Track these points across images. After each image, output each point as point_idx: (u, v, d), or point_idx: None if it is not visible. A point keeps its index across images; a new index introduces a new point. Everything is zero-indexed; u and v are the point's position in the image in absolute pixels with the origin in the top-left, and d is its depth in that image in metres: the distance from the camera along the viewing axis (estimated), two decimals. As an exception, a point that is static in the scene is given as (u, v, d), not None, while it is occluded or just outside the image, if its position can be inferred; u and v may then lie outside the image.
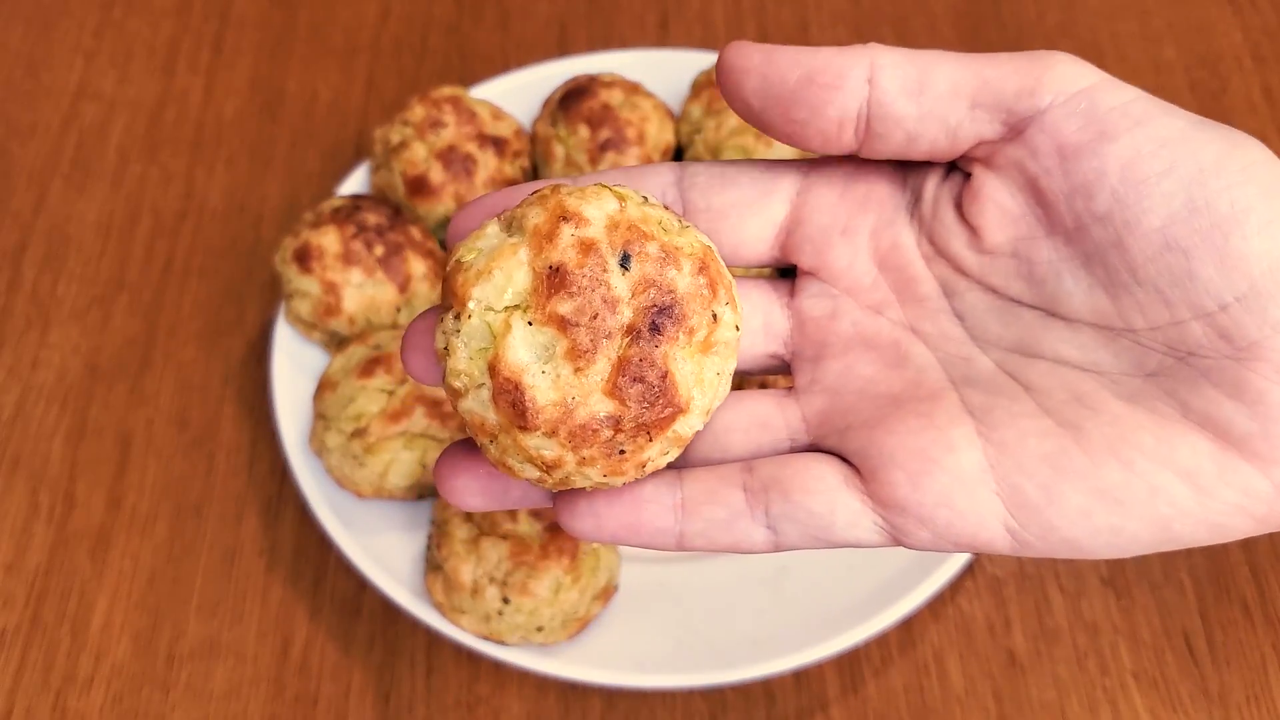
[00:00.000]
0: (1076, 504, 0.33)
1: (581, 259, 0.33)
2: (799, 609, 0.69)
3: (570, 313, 0.33)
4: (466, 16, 1.06)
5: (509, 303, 0.33)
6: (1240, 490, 0.32)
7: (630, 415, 0.33)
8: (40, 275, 0.90)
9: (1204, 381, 0.32)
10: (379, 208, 0.81)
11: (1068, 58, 0.32)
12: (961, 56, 0.33)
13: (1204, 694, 0.69)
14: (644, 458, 0.34)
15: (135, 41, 1.05)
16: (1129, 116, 0.31)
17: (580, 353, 0.33)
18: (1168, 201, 0.31)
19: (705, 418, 0.35)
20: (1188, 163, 0.31)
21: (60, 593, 0.75)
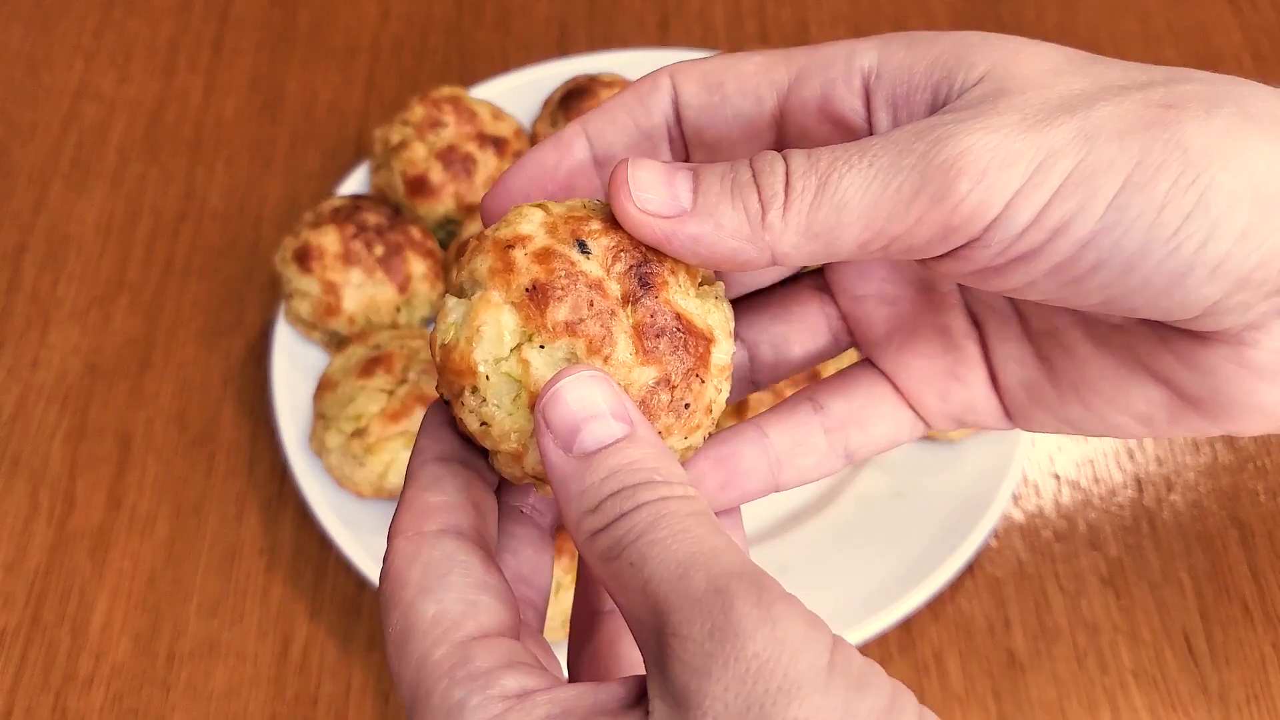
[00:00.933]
0: (1047, 424, 0.39)
1: (547, 266, 0.34)
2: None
3: (569, 314, 0.33)
4: (466, 16, 1.06)
5: (512, 344, 0.34)
6: (1192, 430, 0.35)
7: (673, 368, 0.34)
8: (40, 275, 0.90)
9: (1162, 347, 0.34)
10: (379, 207, 0.81)
11: (970, 169, 0.29)
12: (861, 200, 0.31)
13: (1204, 693, 0.69)
14: (706, 402, 0.35)
15: (135, 41, 1.05)
16: (1045, 229, 0.30)
17: (599, 343, 0.33)
18: (1101, 290, 0.31)
19: (731, 340, 0.36)
20: (1115, 256, 0.29)
21: (60, 592, 0.75)
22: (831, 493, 0.76)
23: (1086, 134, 0.29)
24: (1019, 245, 0.30)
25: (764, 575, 0.28)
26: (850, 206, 0.31)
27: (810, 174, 0.31)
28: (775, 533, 0.74)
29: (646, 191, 0.33)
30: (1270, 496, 0.77)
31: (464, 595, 0.33)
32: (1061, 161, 0.29)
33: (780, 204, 0.31)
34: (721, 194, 0.32)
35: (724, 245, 0.32)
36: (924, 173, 0.30)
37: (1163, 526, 0.75)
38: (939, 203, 0.30)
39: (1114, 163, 0.29)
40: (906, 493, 0.75)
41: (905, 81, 0.35)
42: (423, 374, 0.73)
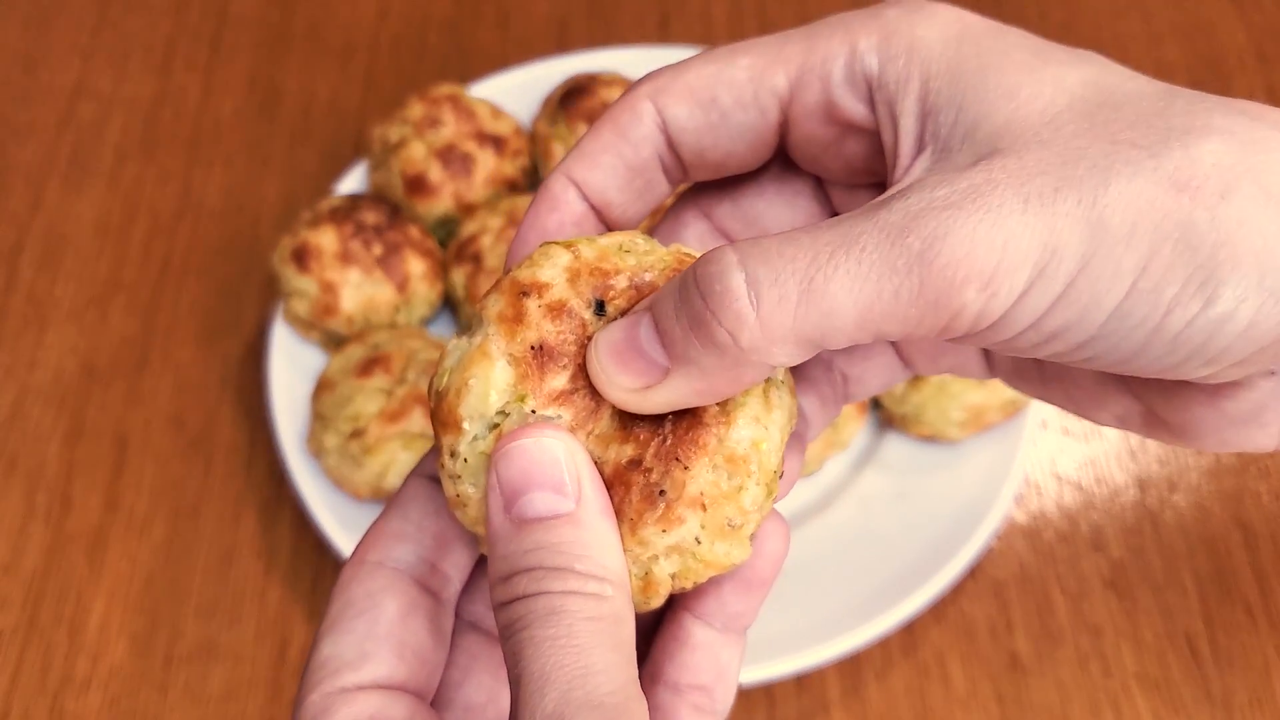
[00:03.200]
0: (1032, 393, 0.39)
1: (557, 327, 0.32)
2: (799, 611, 0.69)
3: (567, 384, 0.32)
4: (465, 14, 1.06)
5: (499, 405, 0.32)
6: (1170, 437, 0.35)
7: (650, 449, 0.32)
8: (37, 275, 0.89)
9: (1137, 379, 0.34)
10: (377, 207, 0.81)
11: (976, 280, 0.27)
12: (851, 303, 0.28)
13: (1207, 696, 0.68)
14: (695, 494, 0.31)
15: (133, 40, 1.04)
16: (1044, 332, 0.28)
17: (584, 418, 0.32)
18: (1099, 370, 0.31)
19: (756, 424, 0.32)
20: (1112, 354, 0.29)
21: (57, 594, 0.74)
22: (832, 493, 0.75)
23: (1092, 224, 0.27)
24: (1017, 343, 0.29)
25: (624, 709, 0.28)
26: (841, 310, 0.28)
27: (785, 280, 0.28)
28: (776, 534, 0.73)
29: (620, 373, 0.31)
30: (1274, 498, 0.76)
31: (362, 642, 0.32)
32: (1066, 262, 0.27)
33: (752, 321, 0.28)
34: (685, 338, 0.29)
35: (718, 380, 0.30)
36: (923, 278, 0.27)
37: (1166, 528, 0.75)
38: (940, 310, 0.28)
39: (1120, 267, 0.27)
40: (908, 494, 0.74)
41: (902, 95, 0.33)
42: (422, 374, 0.73)
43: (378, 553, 0.34)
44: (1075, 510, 0.76)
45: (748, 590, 0.36)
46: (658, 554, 0.32)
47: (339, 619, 0.33)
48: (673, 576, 0.33)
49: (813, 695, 0.69)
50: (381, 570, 0.34)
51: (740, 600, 0.36)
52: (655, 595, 0.33)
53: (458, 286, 0.81)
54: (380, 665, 0.32)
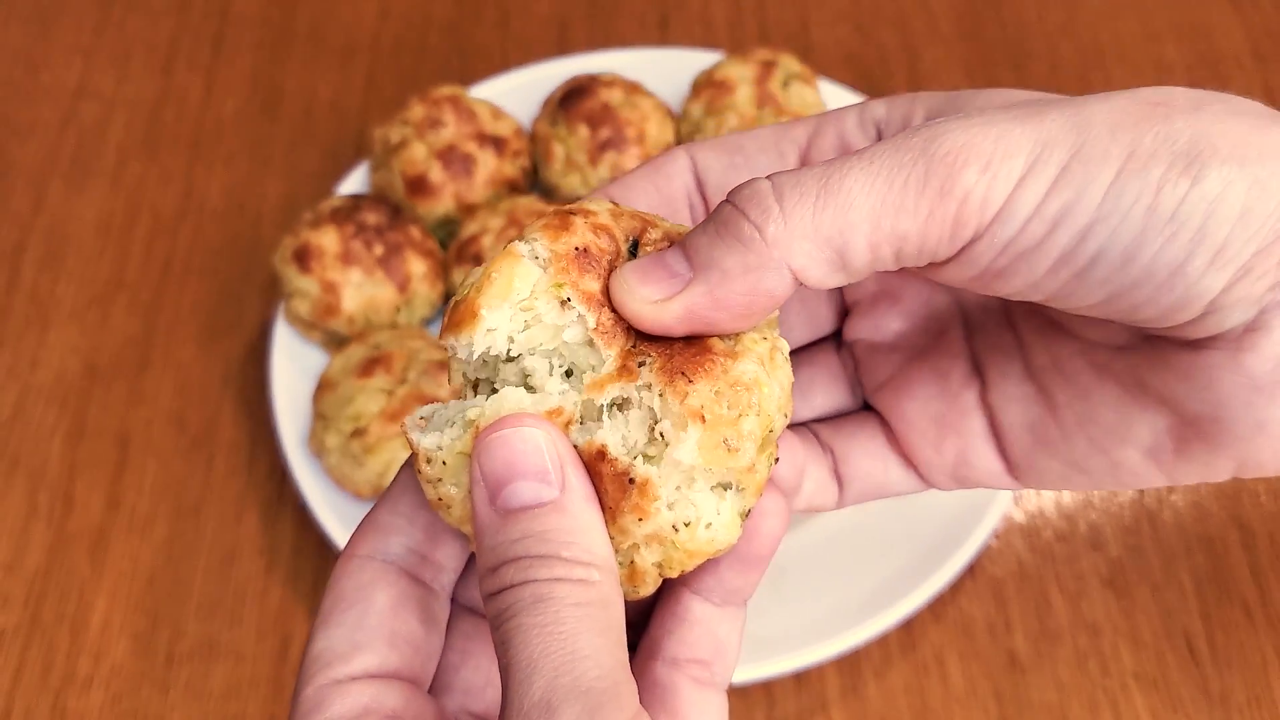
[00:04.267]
0: (1052, 469, 0.37)
1: (599, 240, 0.33)
2: (799, 609, 0.69)
3: (600, 291, 0.33)
4: (466, 15, 1.06)
5: (523, 295, 0.32)
6: (1201, 466, 0.34)
7: (655, 367, 0.32)
8: (39, 275, 0.90)
9: (1162, 365, 0.33)
10: (378, 207, 0.81)
11: (974, 161, 0.30)
12: (866, 196, 0.30)
13: (1205, 695, 0.69)
14: (698, 404, 0.32)
15: (134, 40, 1.05)
16: (1046, 220, 0.30)
17: (607, 330, 0.33)
18: (1103, 285, 0.31)
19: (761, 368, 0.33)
20: (1114, 245, 0.30)
21: (59, 593, 0.74)
22: (832, 493, 0.76)
23: (1077, 125, 0.30)
24: (1021, 240, 0.30)
25: (613, 694, 0.28)
26: (857, 204, 0.30)
27: (806, 180, 0.31)
28: (775, 533, 0.74)
29: (642, 284, 0.32)
30: (1272, 497, 0.76)
31: (353, 634, 0.33)
32: (1057, 152, 0.29)
33: (777, 214, 0.30)
34: (711, 240, 0.31)
35: (738, 286, 0.31)
36: (928, 166, 0.30)
37: (1164, 527, 0.75)
38: (946, 196, 0.30)
39: (1107, 152, 0.29)
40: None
41: (909, 123, 0.35)
42: (423, 374, 0.73)
43: (367, 546, 0.35)
44: (1074, 509, 0.76)
45: (745, 567, 0.36)
46: (637, 543, 0.33)
47: (331, 613, 0.33)
48: (657, 566, 0.33)
49: (812, 693, 0.69)
50: (371, 563, 0.34)
51: (738, 576, 0.36)
52: (643, 584, 0.34)
53: (458, 287, 0.81)
54: (372, 656, 0.33)
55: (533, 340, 0.33)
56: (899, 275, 0.40)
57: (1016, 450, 0.37)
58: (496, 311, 0.32)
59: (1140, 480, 0.35)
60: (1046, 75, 1.00)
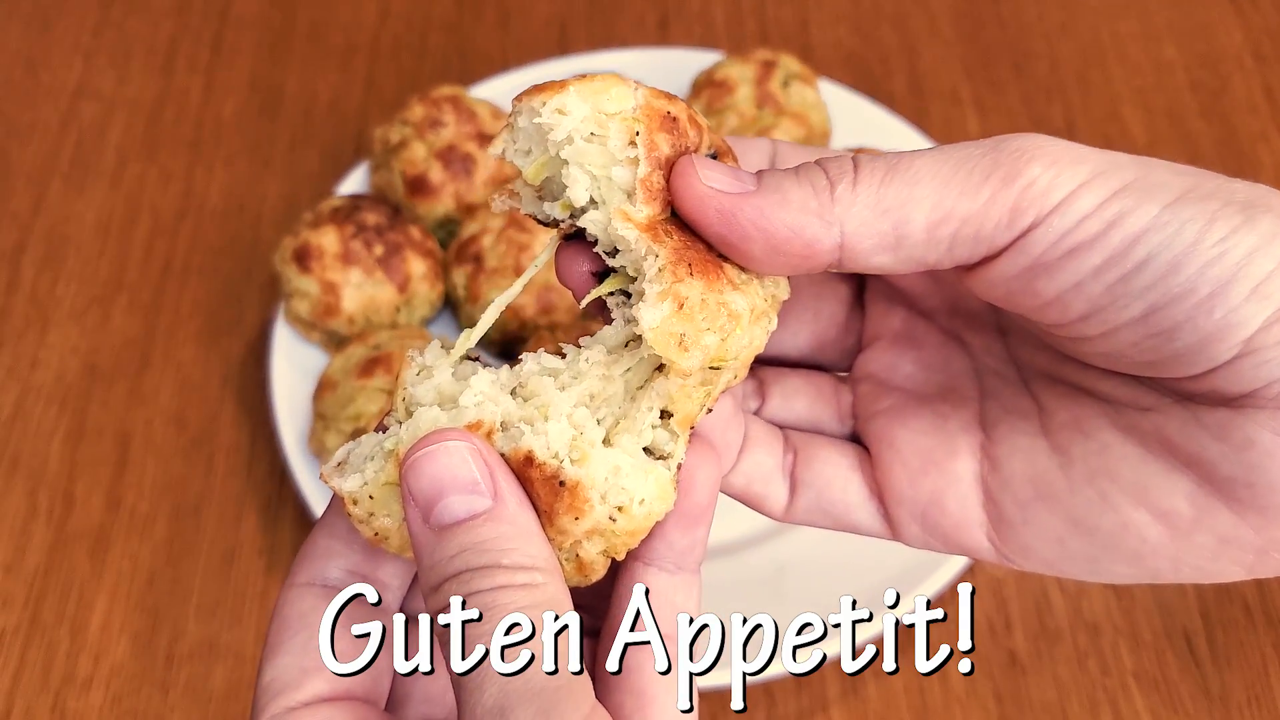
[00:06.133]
0: (1050, 528, 0.35)
1: (689, 127, 0.35)
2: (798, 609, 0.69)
3: (665, 152, 0.34)
4: (466, 16, 1.06)
5: (612, 108, 0.33)
6: (1217, 536, 0.32)
7: (671, 244, 0.33)
8: (39, 275, 0.90)
9: (1195, 423, 0.32)
10: (378, 207, 0.81)
11: (1042, 158, 0.31)
12: (933, 177, 0.31)
13: (1205, 694, 0.69)
14: (686, 294, 0.33)
15: (134, 41, 1.05)
16: (1103, 219, 0.30)
17: (650, 195, 0.33)
18: (1144, 295, 0.30)
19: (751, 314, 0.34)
20: (1163, 253, 0.30)
21: (59, 593, 0.74)
22: (832, 493, 0.75)
23: (1142, 164, 0.31)
24: (1077, 233, 0.31)
25: (566, 692, 0.28)
26: (923, 181, 0.31)
27: (881, 160, 0.32)
28: (774, 532, 0.74)
29: (711, 170, 0.33)
30: (1271, 497, 0.76)
31: (300, 660, 0.33)
32: (1122, 172, 0.31)
33: (850, 178, 0.32)
34: (786, 175, 0.33)
35: (790, 217, 0.32)
36: (995, 158, 0.31)
37: (1164, 527, 0.75)
38: (1010, 182, 0.31)
39: (1168, 184, 0.31)
40: (907, 493, 0.74)
41: None
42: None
43: (307, 573, 0.35)
44: (1074, 509, 0.76)
45: (691, 524, 0.36)
46: (579, 539, 0.33)
47: (277, 642, 0.34)
48: (603, 553, 0.34)
49: (812, 694, 0.69)
50: (312, 590, 0.34)
51: (685, 535, 0.36)
52: (593, 572, 0.34)
53: (458, 287, 0.81)
54: (321, 681, 0.33)
55: (586, 154, 0.34)
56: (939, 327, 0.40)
57: (1010, 504, 0.36)
58: (579, 103, 0.33)
59: (1143, 549, 0.34)
60: (1046, 75, 1.00)
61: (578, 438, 0.33)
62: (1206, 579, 0.34)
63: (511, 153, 0.35)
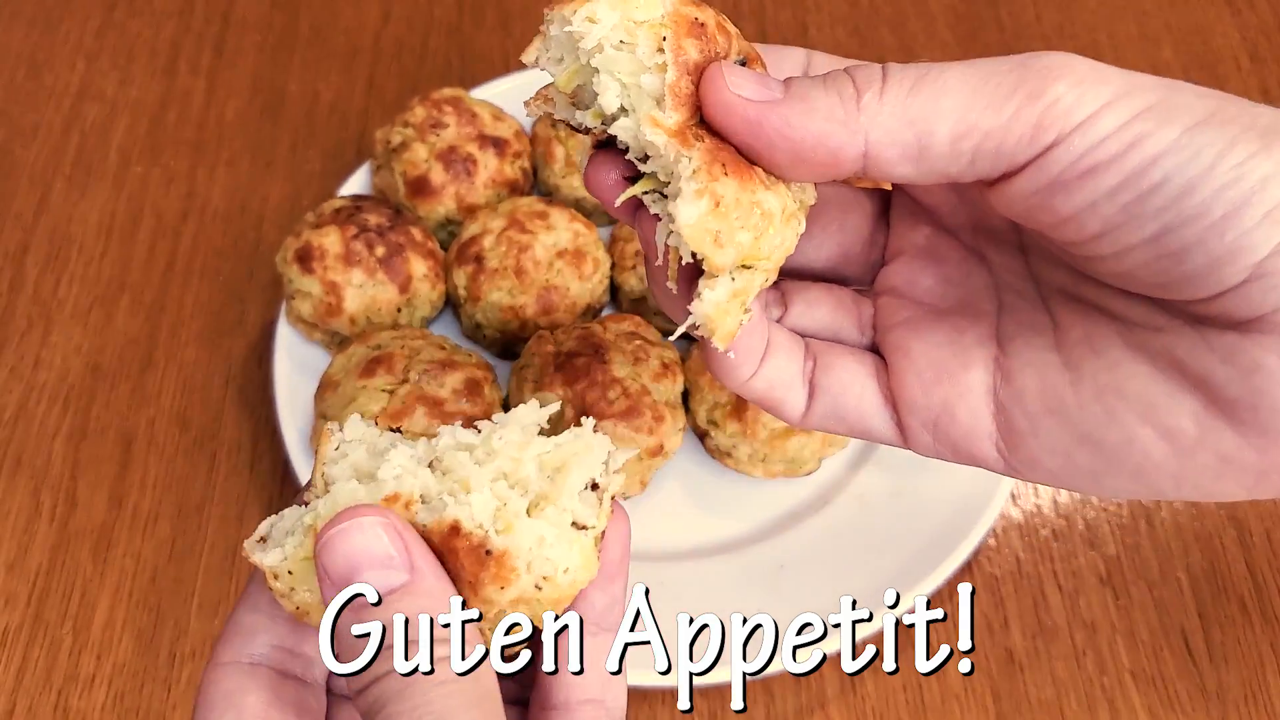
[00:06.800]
0: (1057, 441, 0.36)
1: (718, 34, 0.34)
2: (798, 608, 0.69)
3: (693, 58, 0.34)
4: (468, 18, 1.06)
5: (641, 15, 0.33)
6: (1220, 455, 0.33)
7: (704, 144, 0.33)
8: (42, 276, 0.90)
9: (1203, 345, 0.33)
10: (380, 208, 0.82)
11: (1068, 76, 0.31)
12: (960, 90, 0.32)
13: (1202, 692, 0.69)
14: (721, 192, 0.33)
15: (137, 43, 1.05)
16: (1122, 141, 0.31)
17: (678, 101, 0.33)
18: (1158, 216, 0.31)
19: (784, 214, 0.35)
20: (1179, 176, 0.30)
21: (62, 592, 0.75)
22: (830, 491, 0.76)
23: (1168, 86, 0.32)
24: (1096, 152, 0.31)
25: None
26: (949, 93, 0.31)
27: (910, 70, 0.32)
28: (773, 531, 0.74)
29: (739, 78, 0.33)
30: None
31: None
32: (1146, 93, 0.31)
33: (877, 88, 0.32)
34: (814, 84, 0.33)
35: (815, 125, 0.32)
36: (1022, 74, 0.31)
37: (1160, 525, 0.76)
38: (1035, 99, 0.31)
39: (1191, 106, 0.31)
40: (905, 492, 0.75)
41: None
42: (424, 374, 0.73)
43: (231, 652, 0.35)
44: (1070, 507, 0.77)
45: (607, 582, 0.36)
46: (504, 608, 0.33)
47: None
48: (530, 619, 0.34)
49: (810, 691, 0.70)
50: (237, 669, 0.34)
51: (603, 594, 0.36)
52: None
53: (460, 287, 0.82)
54: None
55: (616, 62, 0.34)
56: (961, 243, 0.40)
57: (1020, 416, 0.37)
58: (609, 10, 0.33)
59: (1146, 465, 0.34)
60: (1044, 77, 1.00)
61: (501, 509, 0.33)
62: (1206, 497, 0.34)
63: (544, 60, 0.35)
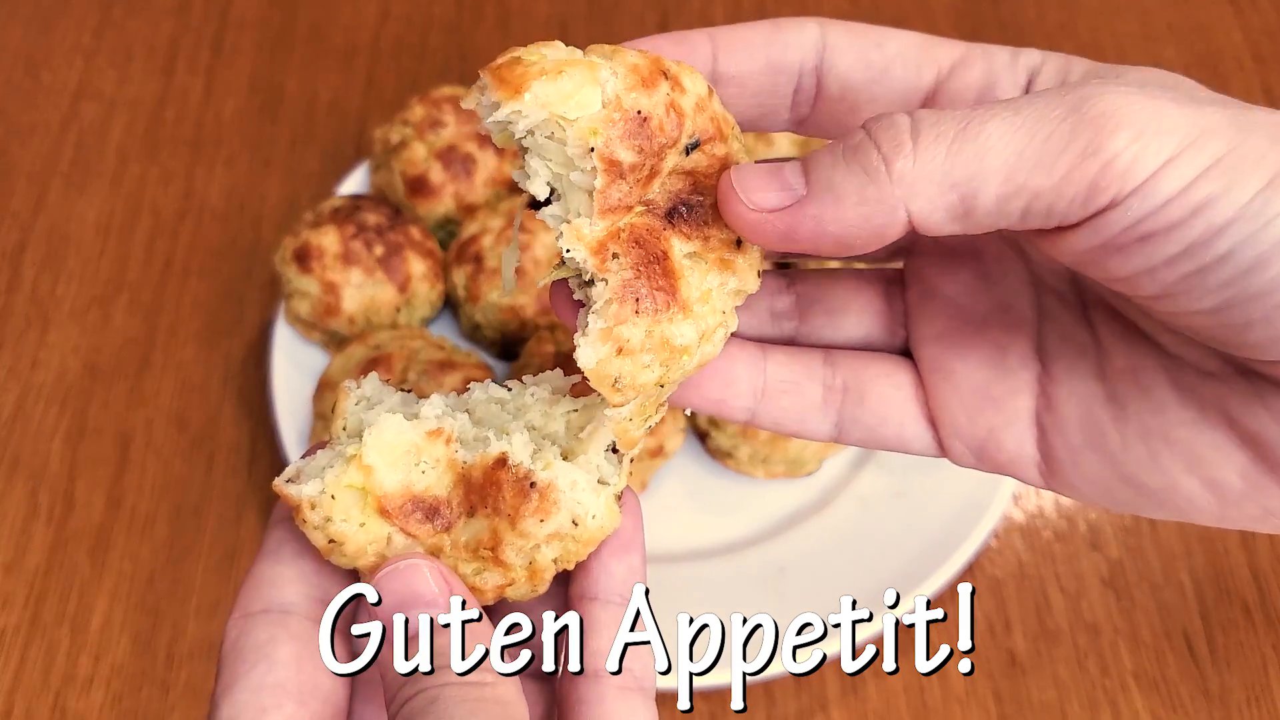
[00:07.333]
0: (1098, 476, 0.35)
1: (666, 120, 0.33)
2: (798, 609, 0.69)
3: (627, 165, 0.33)
4: (466, 16, 1.06)
5: (572, 114, 0.32)
6: (1264, 509, 0.32)
7: (623, 277, 0.33)
8: (40, 275, 0.90)
9: (1258, 402, 0.31)
10: (379, 207, 0.81)
11: (1128, 127, 0.28)
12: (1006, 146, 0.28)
13: (1204, 695, 0.69)
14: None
15: (135, 41, 1.05)
16: (1186, 206, 0.28)
17: (606, 207, 0.33)
18: (1221, 290, 0.29)
19: (701, 341, 0.34)
20: (1248, 249, 0.28)
21: (60, 593, 0.75)
22: (831, 492, 0.76)
23: (1239, 126, 0.28)
24: (1157, 218, 0.28)
25: None
26: (995, 150, 0.28)
27: (945, 122, 0.29)
28: (774, 532, 0.74)
29: (756, 189, 0.31)
30: (1271, 497, 0.76)
31: (258, 697, 0.32)
32: (1214, 142, 0.28)
33: (909, 150, 0.29)
34: (834, 164, 0.30)
35: (851, 214, 0.29)
36: (1075, 125, 0.28)
37: (1163, 528, 0.75)
38: (1090, 157, 0.28)
39: (1265, 156, 0.28)
40: (907, 493, 0.74)
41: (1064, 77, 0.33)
42: (423, 374, 0.73)
43: (260, 601, 0.34)
44: (1073, 509, 0.76)
45: (624, 551, 0.37)
46: (539, 543, 0.35)
47: (233, 678, 0.33)
48: (555, 561, 0.35)
49: (811, 693, 0.69)
50: (268, 618, 0.34)
51: (621, 563, 0.37)
52: (541, 582, 0.36)
53: (459, 287, 0.81)
54: (280, 716, 0.32)
55: (546, 149, 0.33)
56: (998, 234, 0.38)
57: (1061, 447, 0.35)
58: (536, 109, 0.32)
59: (1187, 509, 0.33)
60: (1046, 76, 1.00)
61: (538, 452, 0.35)
62: (1247, 529, 0.34)
63: (481, 113, 0.34)
